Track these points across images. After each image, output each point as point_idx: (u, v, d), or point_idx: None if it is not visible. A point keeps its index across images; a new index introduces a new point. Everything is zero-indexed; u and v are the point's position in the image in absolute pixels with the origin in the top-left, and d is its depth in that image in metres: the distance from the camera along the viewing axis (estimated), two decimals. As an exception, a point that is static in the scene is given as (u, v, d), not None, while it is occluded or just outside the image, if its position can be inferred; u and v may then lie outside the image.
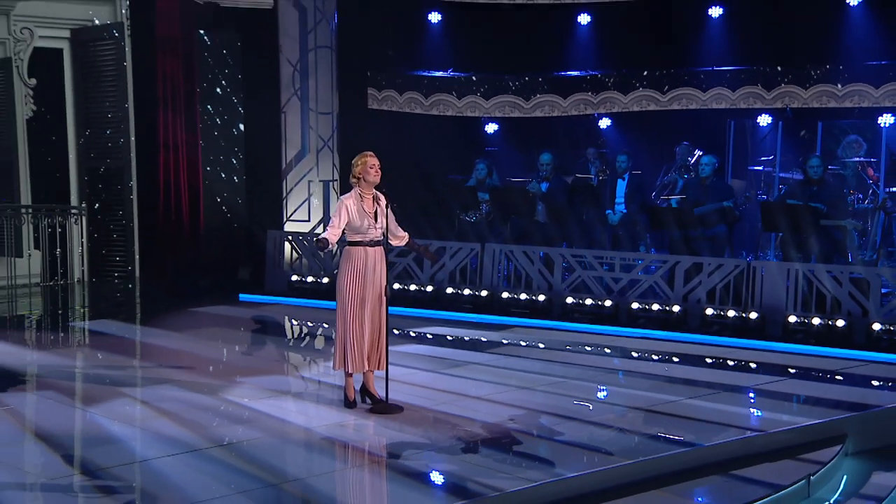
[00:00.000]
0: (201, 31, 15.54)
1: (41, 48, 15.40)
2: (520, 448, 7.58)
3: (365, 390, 8.39)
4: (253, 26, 15.72)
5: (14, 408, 9.04)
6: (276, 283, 14.32)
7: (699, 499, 7.04)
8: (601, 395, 9.32)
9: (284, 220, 15.51)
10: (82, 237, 15.46)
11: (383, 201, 8.25)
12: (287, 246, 14.42)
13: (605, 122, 17.85)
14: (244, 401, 8.89)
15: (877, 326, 10.67)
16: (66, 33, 15.54)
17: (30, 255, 15.17)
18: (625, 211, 13.83)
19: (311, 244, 8.07)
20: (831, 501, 7.36)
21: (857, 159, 14.39)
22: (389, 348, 8.32)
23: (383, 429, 8.05)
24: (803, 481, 7.29)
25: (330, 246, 8.17)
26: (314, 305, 13.47)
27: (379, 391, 8.39)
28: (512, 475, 7.11)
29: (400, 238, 8.51)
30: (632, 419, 8.36)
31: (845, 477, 7.83)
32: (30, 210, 15.12)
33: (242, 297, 14.11)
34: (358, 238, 8.13)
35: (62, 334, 13.06)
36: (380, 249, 8.20)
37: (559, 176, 14.62)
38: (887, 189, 14.03)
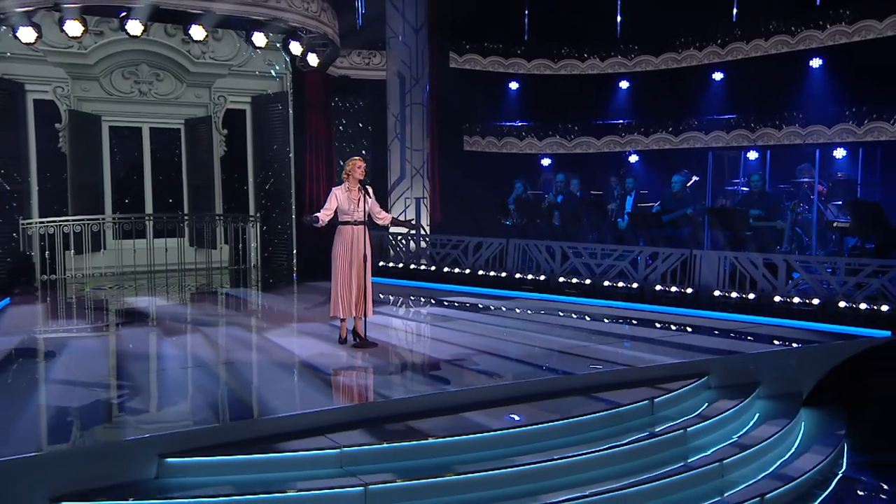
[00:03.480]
0: (336, 97, 15.62)
1: (231, 109, 15.67)
2: (434, 372, 7.26)
3: (355, 331, 8.16)
4: (371, 91, 15.79)
5: (120, 334, 9.24)
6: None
7: (557, 413, 6.38)
8: (533, 341, 8.61)
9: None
10: (257, 236, 15.71)
11: (371, 192, 8.02)
12: (402, 242, 14.07)
13: (633, 158, 17.25)
14: (272, 337, 8.78)
15: (777, 299, 9.72)
16: (248, 99, 15.74)
17: (221, 248, 15.58)
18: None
19: (309, 219, 7.88)
20: (673, 418, 6.65)
21: (806, 180, 13.23)
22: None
23: (347, 356, 7.79)
24: (646, 402, 6.70)
25: (320, 222, 8.01)
26: (391, 283, 13.23)
27: (369, 334, 8.19)
28: (407, 388, 6.76)
29: (383, 218, 8.31)
30: (538, 355, 7.81)
31: (693, 403, 7.09)
32: (221, 217, 15.50)
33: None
34: (346, 219, 7.99)
35: (208, 295, 12.93)
36: (362, 227, 8.04)
37: (570, 191, 14.02)
38: (831, 203, 12.88)
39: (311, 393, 6.51)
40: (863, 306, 9.07)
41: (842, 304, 9.23)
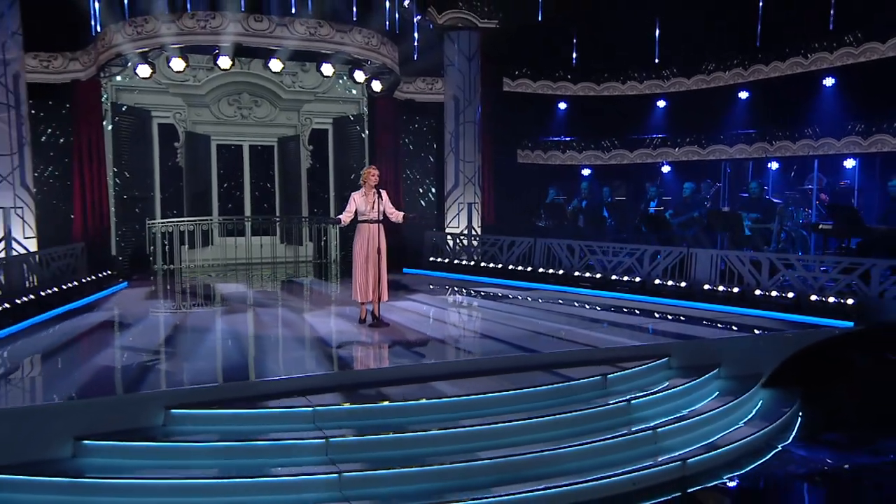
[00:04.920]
0: (403, 117, 15.84)
1: (316, 129, 15.97)
2: (419, 349, 7.28)
3: (373, 313, 8.36)
4: (432, 112, 15.89)
5: (194, 311, 9.53)
6: (423, 263, 14.14)
7: (516, 384, 6.39)
8: (527, 325, 8.53)
9: (445, 226, 15.50)
10: (336, 235, 16.01)
11: (383, 195, 8.18)
12: (449, 240, 14.23)
13: (666, 168, 16.81)
14: (307, 317, 9.03)
15: (757, 292, 9.36)
16: (331, 120, 16.03)
17: (306, 245, 16.02)
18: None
19: (333, 220, 8.15)
20: (623, 393, 6.56)
21: (809, 187, 12.64)
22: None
23: (358, 333, 7.96)
24: (599, 377, 6.65)
25: (342, 223, 8.23)
26: (437, 275, 13.36)
27: (383, 314, 8.37)
28: (391, 361, 6.88)
29: (396, 215, 8.41)
30: (520, 336, 7.77)
31: (648, 380, 6.96)
32: (307, 219, 15.92)
33: (406, 269, 14.01)
34: (363, 218, 8.19)
35: (280, 282, 13.08)
36: (377, 225, 8.23)
37: (593, 196, 13.80)
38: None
39: (309, 362, 6.74)
40: (831, 300, 8.65)
41: (813, 297, 8.82)
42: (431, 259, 13.85)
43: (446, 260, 13.72)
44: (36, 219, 13.00)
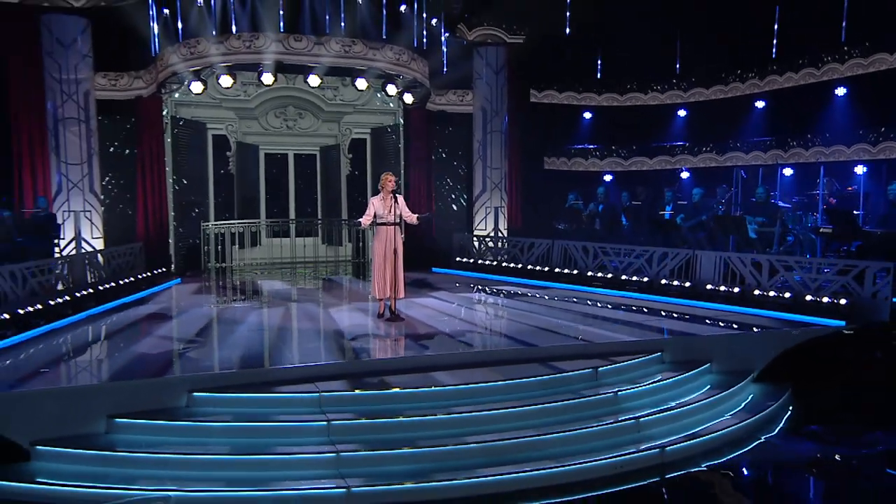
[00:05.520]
0: (436, 127, 15.97)
1: (355, 138, 16.25)
2: (426, 341, 7.35)
3: (390, 308, 8.54)
4: (462, 122, 16.00)
5: (232, 305, 9.75)
6: (451, 263, 14.26)
7: (514, 375, 6.49)
8: (532, 321, 8.57)
9: (473, 228, 15.60)
10: (373, 236, 16.18)
11: (399, 199, 8.33)
12: (475, 242, 14.37)
13: (685, 174, 16.62)
14: (332, 311, 9.18)
15: (756, 292, 9.25)
16: (369, 130, 16.28)
17: (346, 245, 16.27)
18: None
19: (354, 223, 8.34)
20: (612, 385, 6.59)
21: (818, 192, 12.39)
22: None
23: (374, 326, 8.11)
24: (590, 370, 6.68)
25: (363, 225, 8.43)
26: (462, 274, 13.46)
27: (402, 310, 8.53)
28: (398, 352, 7.00)
29: (411, 217, 8.52)
30: (522, 331, 7.84)
31: (639, 373, 6.96)
32: (346, 221, 16.17)
33: (434, 269, 14.19)
34: (382, 221, 8.35)
35: (317, 280, 13.23)
36: (394, 227, 8.39)
37: (609, 201, 13.73)
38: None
39: (323, 351, 6.93)
40: (825, 300, 8.50)
41: (808, 297, 8.68)
42: (458, 259, 13.99)
43: (472, 260, 13.85)
44: (103, 221, 13.58)
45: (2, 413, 5.41)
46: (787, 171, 14.98)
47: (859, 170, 13.33)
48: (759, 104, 15.57)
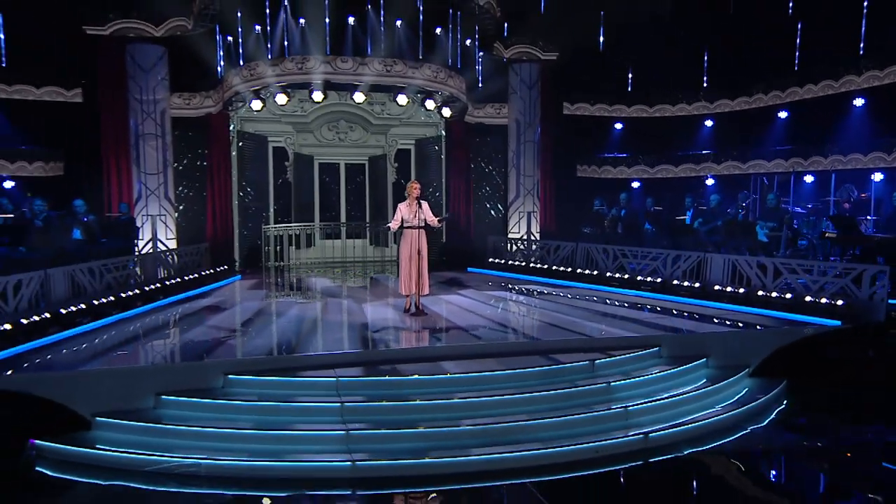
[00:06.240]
0: (476, 139, 16.11)
1: (401, 149, 16.53)
2: (439, 334, 7.52)
3: (415, 303, 8.78)
4: (498, 133, 16.10)
5: (278, 300, 9.95)
6: (485, 263, 14.37)
7: (515, 366, 6.64)
8: (543, 317, 8.63)
9: (507, 231, 15.71)
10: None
11: (423, 205, 8.55)
12: (506, 244, 14.45)
13: (710, 181, 16.35)
14: (366, 306, 9.43)
15: (760, 293, 9.12)
16: (413, 142, 16.53)
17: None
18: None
19: (384, 227, 8.58)
20: (608, 377, 6.65)
21: (832, 198, 12.05)
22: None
23: (398, 320, 8.29)
24: (587, 362, 6.76)
25: (392, 229, 8.68)
26: (493, 273, 13.59)
27: (428, 306, 8.74)
28: (409, 343, 7.21)
29: (433, 221, 8.67)
30: (529, 325, 7.97)
31: (635, 366, 6.99)
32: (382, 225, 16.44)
33: (469, 269, 14.33)
34: (408, 225, 8.55)
35: (362, 278, 13.48)
36: (420, 230, 8.56)
37: (631, 207, 13.63)
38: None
39: (346, 341, 7.21)
40: (823, 300, 8.34)
41: (808, 298, 8.53)
42: (491, 260, 14.14)
43: (503, 261, 13.98)
44: (176, 224, 14.28)
45: (69, 389, 5.89)
46: (808, 179, 14.61)
47: (876, 177, 12.92)
48: (782, 114, 15.21)
